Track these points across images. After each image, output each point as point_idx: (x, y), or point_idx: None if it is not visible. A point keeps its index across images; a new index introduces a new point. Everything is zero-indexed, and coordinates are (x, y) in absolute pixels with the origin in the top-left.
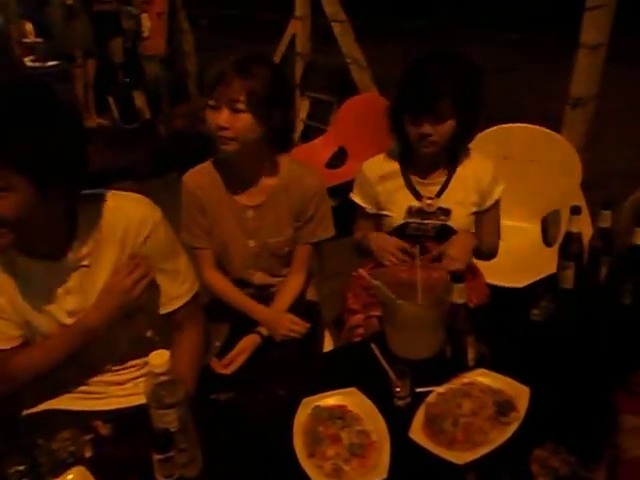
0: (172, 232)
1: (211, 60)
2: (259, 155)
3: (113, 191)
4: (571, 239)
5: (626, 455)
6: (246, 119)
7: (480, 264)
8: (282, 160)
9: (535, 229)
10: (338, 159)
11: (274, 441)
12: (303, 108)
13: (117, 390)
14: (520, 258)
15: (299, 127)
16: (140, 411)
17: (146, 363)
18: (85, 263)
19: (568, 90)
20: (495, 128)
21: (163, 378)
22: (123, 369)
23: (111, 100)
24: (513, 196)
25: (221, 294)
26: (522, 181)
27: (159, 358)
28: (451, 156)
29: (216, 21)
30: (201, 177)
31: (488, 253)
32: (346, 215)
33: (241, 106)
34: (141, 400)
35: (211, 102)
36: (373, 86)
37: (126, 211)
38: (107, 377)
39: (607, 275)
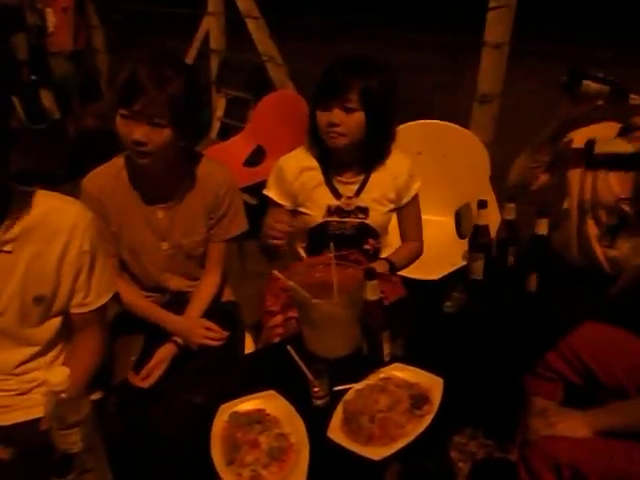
0: (98, 237)
1: (124, 58)
2: (173, 159)
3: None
4: (479, 232)
5: (534, 436)
6: (166, 133)
7: None
8: (193, 158)
9: (449, 222)
10: (256, 157)
11: (192, 451)
12: (220, 106)
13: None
14: (435, 251)
15: (216, 125)
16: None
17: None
18: (7, 249)
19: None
20: (408, 124)
21: (64, 396)
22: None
23: (16, 100)
24: (427, 190)
25: (129, 304)
26: (435, 176)
27: (58, 375)
28: (368, 155)
29: (128, 17)
30: (104, 179)
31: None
32: (266, 213)
33: (162, 121)
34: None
35: (125, 113)
36: (289, 83)
37: (60, 212)
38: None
39: (514, 265)
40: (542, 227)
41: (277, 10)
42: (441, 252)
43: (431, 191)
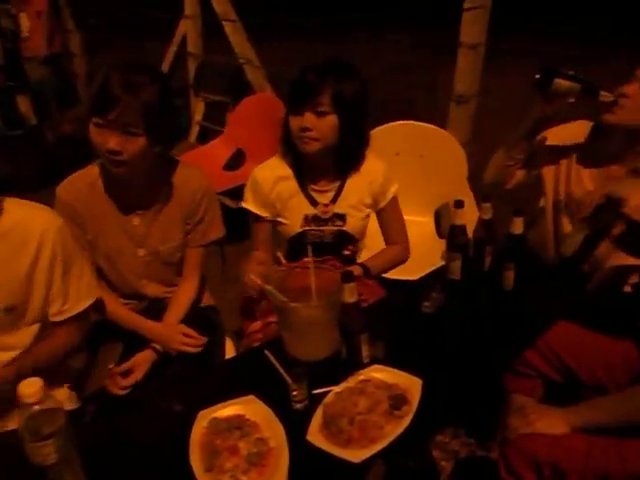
0: (71, 242)
1: (102, 62)
2: (149, 166)
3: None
4: (456, 232)
5: (513, 435)
6: (141, 142)
7: None
8: (169, 163)
9: (428, 222)
10: (236, 161)
11: (170, 459)
12: (198, 110)
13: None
14: (416, 251)
15: (195, 129)
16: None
17: None
18: None
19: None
20: (387, 126)
21: (37, 408)
22: None
23: None
24: (405, 191)
25: (107, 312)
26: (413, 176)
27: (30, 387)
28: (342, 160)
29: (106, 20)
30: (78, 187)
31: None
32: (247, 217)
33: (136, 130)
34: None
35: (99, 122)
36: (268, 86)
37: (29, 220)
38: None
39: (491, 264)
40: (518, 226)
41: (255, 12)
42: (422, 252)
43: (410, 191)
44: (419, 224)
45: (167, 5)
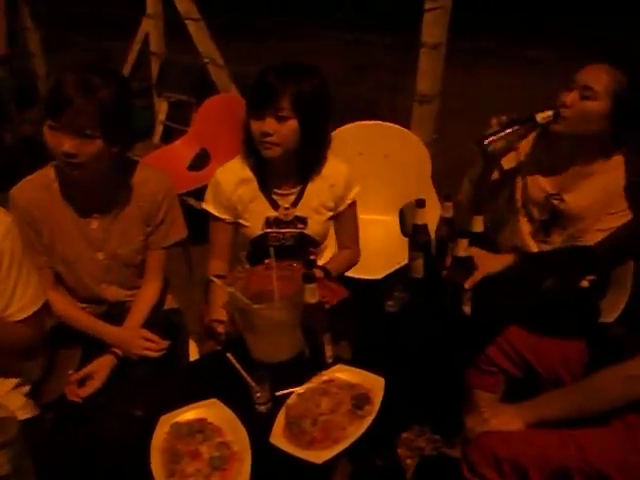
0: (19, 245)
1: (62, 62)
2: (106, 168)
3: None
4: (418, 231)
5: (471, 434)
6: (97, 144)
7: None
8: (128, 165)
9: (393, 221)
10: (200, 161)
11: (131, 466)
12: (162, 109)
13: None
14: (381, 250)
15: (159, 129)
16: None
17: None
18: None
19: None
20: (351, 125)
21: None
22: None
23: None
24: (369, 190)
25: (64, 317)
26: (377, 176)
27: None
28: (304, 163)
29: (65, 18)
30: (32, 190)
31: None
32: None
33: (92, 132)
34: None
35: (53, 124)
36: (232, 85)
37: None
38: None
39: (452, 262)
40: (477, 224)
41: (219, 11)
42: (387, 251)
43: (374, 191)
44: (384, 223)
45: (129, 3)
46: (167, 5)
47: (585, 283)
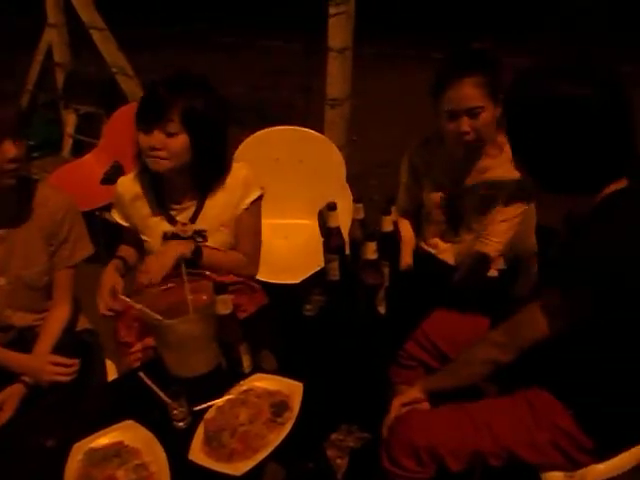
0: None
1: None
2: (3, 189)
3: None
4: (331, 233)
5: (385, 432)
6: None
7: (262, 262)
8: (26, 185)
9: (313, 225)
10: (114, 174)
11: None
12: (69, 122)
13: None
14: (301, 254)
15: (68, 142)
16: None
17: None
18: None
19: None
20: (265, 131)
21: None
22: None
23: None
24: (287, 195)
25: None
26: (294, 180)
27: None
28: (199, 180)
29: None
30: None
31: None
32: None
33: None
34: None
35: None
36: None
37: None
38: None
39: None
40: (387, 224)
41: (126, 21)
42: (307, 255)
43: (292, 196)
44: (304, 227)
45: (29, 11)
46: (71, 15)
47: (494, 272)
